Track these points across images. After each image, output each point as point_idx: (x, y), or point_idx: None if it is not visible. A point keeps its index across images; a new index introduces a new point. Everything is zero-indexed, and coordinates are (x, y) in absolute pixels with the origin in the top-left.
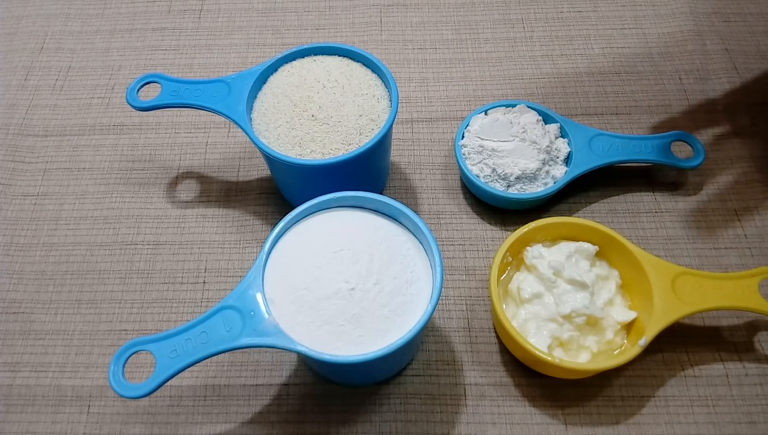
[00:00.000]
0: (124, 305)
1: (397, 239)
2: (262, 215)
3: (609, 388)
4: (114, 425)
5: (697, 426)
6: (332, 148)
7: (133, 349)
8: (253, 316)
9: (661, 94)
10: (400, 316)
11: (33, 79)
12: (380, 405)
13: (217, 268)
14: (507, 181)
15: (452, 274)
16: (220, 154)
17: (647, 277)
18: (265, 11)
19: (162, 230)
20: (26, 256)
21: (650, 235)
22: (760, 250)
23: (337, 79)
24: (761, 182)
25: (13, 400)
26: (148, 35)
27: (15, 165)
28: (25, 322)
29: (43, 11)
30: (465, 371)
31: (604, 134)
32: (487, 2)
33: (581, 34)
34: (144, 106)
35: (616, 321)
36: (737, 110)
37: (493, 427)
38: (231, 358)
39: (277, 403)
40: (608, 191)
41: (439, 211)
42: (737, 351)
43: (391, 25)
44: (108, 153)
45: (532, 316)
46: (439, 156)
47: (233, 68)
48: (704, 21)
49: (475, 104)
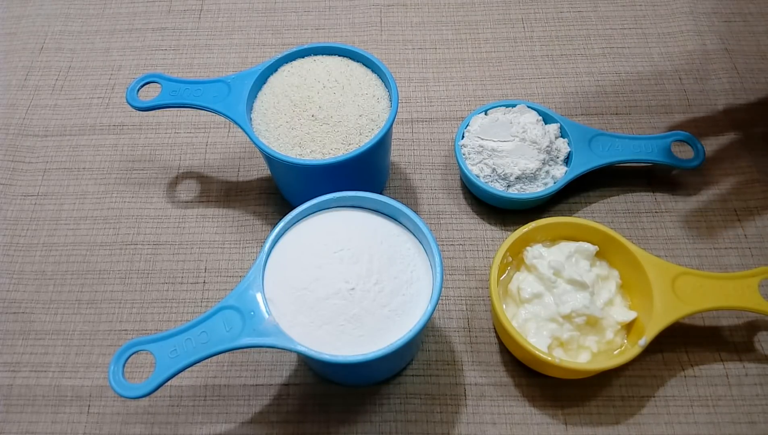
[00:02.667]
0: (124, 305)
1: (397, 239)
2: (262, 215)
3: (609, 388)
4: (114, 425)
5: (697, 426)
6: (332, 148)
7: (133, 349)
8: (253, 316)
9: (661, 94)
10: (400, 316)
11: (33, 79)
12: (380, 405)
13: (217, 268)
14: (507, 181)
15: (452, 274)
16: (220, 154)
17: (647, 277)
18: (265, 11)
19: (162, 230)
20: (26, 256)
21: (650, 235)
22: (760, 250)
23: (337, 79)
24: (761, 182)
25: (13, 400)
26: (148, 35)
27: (15, 165)
28: (25, 322)
29: (43, 11)
30: (465, 371)
31: (604, 134)
32: (487, 2)
33: (581, 34)
34: (144, 106)
35: (616, 321)
36: (737, 110)
37: (493, 427)
38: (231, 358)
39: (277, 403)
40: (608, 191)
41: (439, 211)
42: (737, 351)
43: (391, 25)
44: (108, 153)
45: (532, 316)
46: (439, 156)
47: (233, 68)
48: (704, 21)
49: (475, 104)
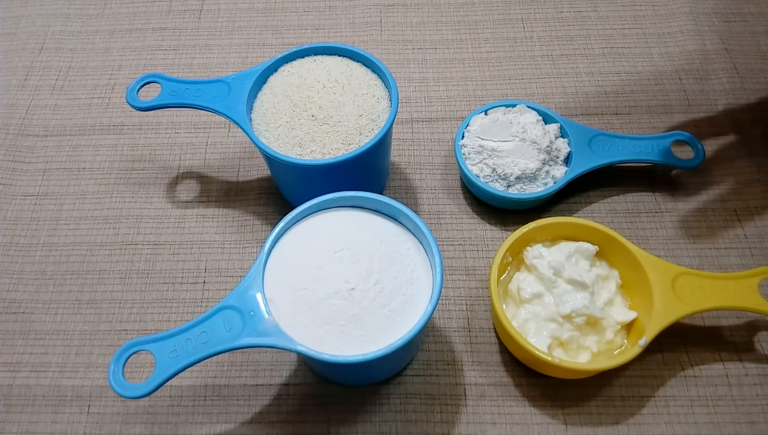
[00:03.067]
0: (124, 305)
1: (397, 239)
2: (262, 215)
3: (609, 388)
4: (114, 425)
5: (697, 426)
6: (332, 148)
7: (133, 349)
8: (253, 316)
9: (661, 94)
10: (400, 316)
11: (33, 79)
12: (380, 405)
13: (217, 268)
14: (507, 181)
15: (452, 274)
16: (220, 154)
17: (647, 277)
18: (265, 11)
19: (162, 230)
20: (26, 256)
21: (650, 235)
22: (760, 250)
23: (337, 79)
24: (761, 182)
25: (13, 400)
26: (148, 35)
27: (15, 165)
28: (25, 322)
29: (43, 11)
30: (465, 371)
31: (604, 134)
32: (487, 2)
33: (581, 34)
34: (144, 106)
35: (616, 321)
36: (737, 110)
37: (493, 427)
38: (231, 358)
39: (277, 403)
40: (608, 191)
41: (439, 211)
42: (737, 351)
43: (391, 25)
44: (108, 153)
45: (532, 316)
46: (439, 156)
47: (233, 68)
48: (704, 21)
49: (475, 104)
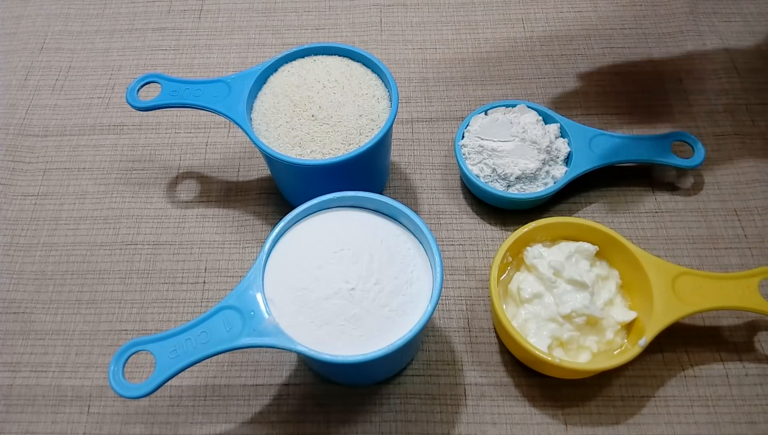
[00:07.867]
0: (124, 305)
1: (397, 239)
2: (262, 215)
3: (609, 388)
4: (114, 425)
5: (697, 426)
6: (332, 148)
7: (133, 349)
8: (253, 316)
9: (661, 94)
10: (400, 316)
11: (33, 79)
12: (380, 405)
13: (217, 268)
14: (507, 181)
15: (452, 274)
16: (220, 154)
17: (647, 277)
18: (265, 11)
19: (162, 230)
20: (26, 256)
21: (650, 235)
22: (760, 250)
23: (337, 79)
24: (761, 182)
25: (13, 400)
26: (148, 35)
27: (15, 165)
28: (25, 322)
29: (43, 11)
30: (465, 371)
31: (604, 134)
32: (487, 2)
33: (581, 34)
34: (144, 106)
35: (616, 321)
36: (737, 110)
37: (493, 427)
38: (231, 358)
39: (277, 403)
40: (608, 191)
41: (439, 211)
42: (737, 351)
43: (391, 25)
44: (108, 153)
45: (532, 316)
46: (439, 156)
47: (233, 68)
48: (704, 21)
49: (475, 104)
